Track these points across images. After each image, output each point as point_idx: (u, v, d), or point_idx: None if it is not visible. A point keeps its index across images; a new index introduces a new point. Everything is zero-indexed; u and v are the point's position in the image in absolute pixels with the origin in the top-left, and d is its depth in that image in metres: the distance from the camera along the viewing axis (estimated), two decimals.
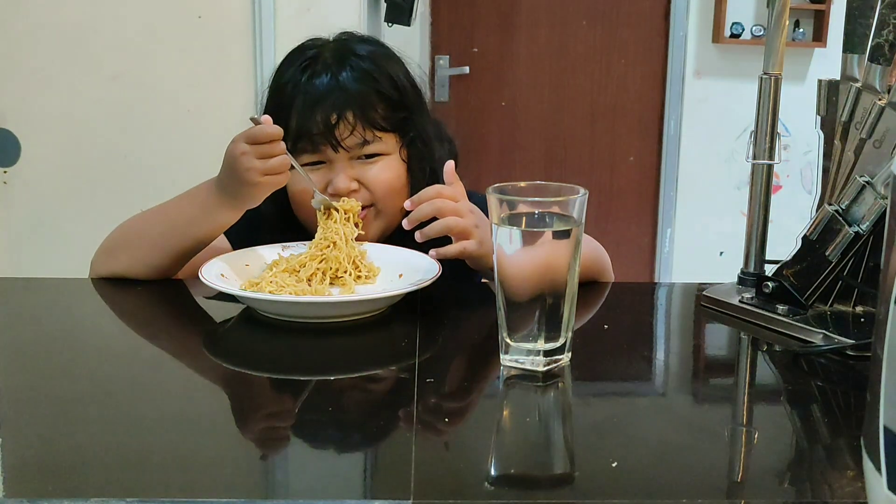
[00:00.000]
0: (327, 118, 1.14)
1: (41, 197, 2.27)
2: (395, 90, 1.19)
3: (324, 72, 1.16)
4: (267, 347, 0.92)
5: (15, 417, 0.73)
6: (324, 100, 1.14)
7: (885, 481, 0.49)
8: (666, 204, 3.55)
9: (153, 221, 1.11)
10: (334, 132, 1.14)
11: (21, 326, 0.99)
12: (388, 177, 1.18)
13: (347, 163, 1.16)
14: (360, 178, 1.17)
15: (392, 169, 1.19)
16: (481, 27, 3.45)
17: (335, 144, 1.15)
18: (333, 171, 1.16)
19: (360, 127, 1.15)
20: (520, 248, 0.79)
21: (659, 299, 1.20)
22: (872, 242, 0.92)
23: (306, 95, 1.15)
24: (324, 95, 1.15)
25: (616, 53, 3.48)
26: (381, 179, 1.17)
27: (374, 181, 1.17)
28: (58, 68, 2.22)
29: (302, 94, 1.15)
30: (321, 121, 1.14)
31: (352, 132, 1.14)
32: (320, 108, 1.14)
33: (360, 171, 1.17)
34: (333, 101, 1.14)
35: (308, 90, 1.15)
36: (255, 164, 1.00)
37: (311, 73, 1.16)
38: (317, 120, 1.14)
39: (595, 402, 0.80)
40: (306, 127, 1.14)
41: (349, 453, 0.69)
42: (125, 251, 1.11)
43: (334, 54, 1.18)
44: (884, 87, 0.91)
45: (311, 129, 1.14)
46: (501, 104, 3.49)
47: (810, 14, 3.33)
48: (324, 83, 1.15)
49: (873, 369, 0.50)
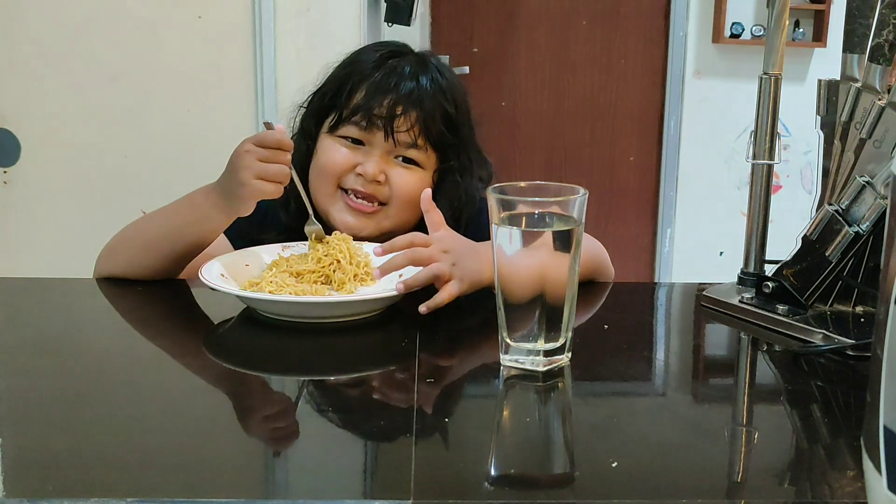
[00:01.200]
0: (394, 106, 1.17)
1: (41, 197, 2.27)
2: (457, 115, 1.22)
3: (407, 67, 1.20)
4: (267, 347, 0.92)
5: (15, 417, 0.73)
6: (399, 89, 1.17)
7: (885, 481, 0.49)
8: (666, 204, 3.55)
9: (152, 224, 1.12)
10: (393, 121, 1.17)
11: (21, 326, 0.99)
12: (414, 186, 1.19)
13: (385, 155, 1.19)
14: (389, 175, 1.18)
15: (421, 181, 1.20)
16: (481, 27, 3.45)
17: (389, 132, 1.17)
18: (368, 156, 1.18)
19: (417, 129, 1.18)
20: (520, 249, 0.79)
21: (659, 299, 1.20)
22: (872, 242, 0.92)
23: (384, 78, 1.18)
24: (399, 86, 1.18)
25: (616, 53, 3.49)
26: (407, 185, 1.19)
27: (400, 183, 1.18)
28: (58, 68, 2.22)
29: (381, 76, 1.18)
30: (387, 105, 1.17)
31: (408, 130, 1.17)
32: (392, 94, 1.17)
33: (391, 169, 1.19)
34: (406, 94, 1.17)
35: (387, 75, 1.18)
36: (252, 164, 1.01)
37: (396, 64, 1.20)
38: (383, 103, 1.17)
39: (595, 402, 0.80)
40: (370, 104, 1.17)
41: (349, 453, 0.69)
42: (124, 253, 1.11)
43: (419, 59, 1.23)
44: (884, 87, 0.91)
45: (374, 108, 1.17)
46: (501, 104, 3.49)
47: (810, 14, 3.33)
48: (403, 77, 1.19)
49: (873, 369, 0.50)
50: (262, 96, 2.24)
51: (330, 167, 1.19)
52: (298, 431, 0.73)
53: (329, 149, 1.20)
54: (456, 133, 1.22)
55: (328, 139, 1.21)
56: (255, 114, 2.25)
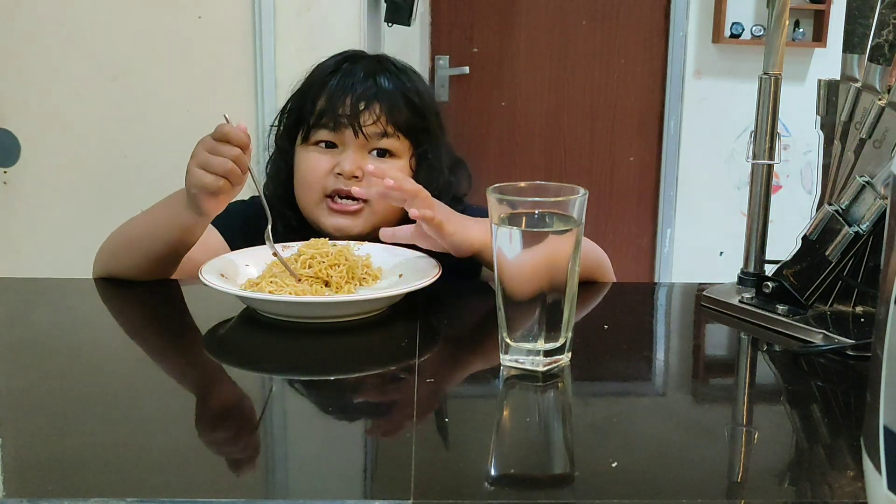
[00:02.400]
0: (356, 104, 1.20)
1: (41, 197, 2.27)
2: (421, 104, 1.25)
3: (362, 69, 1.24)
4: (267, 347, 0.92)
5: (15, 417, 0.73)
6: (358, 88, 1.21)
7: (885, 481, 0.49)
8: (666, 204, 3.55)
9: (134, 223, 1.13)
10: (359, 117, 1.20)
11: (21, 326, 0.99)
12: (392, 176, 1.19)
13: (360, 151, 1.22)
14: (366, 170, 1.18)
15: (398, 170, 1.21)
16: (481, 27, 3.45)
17: (357, 128, 1.20)
18: (343, 155, 1.21)
19: (383, 119, 1.21)
20: (520, 249, 0.79)
21: (659, 299, 1.20)
22: (872, 242, 0.92)
23: (342, 80, 1.22)
24: (359, 84, 1.21)
25: (616, 53, 3.48)
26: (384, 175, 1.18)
27: None
28: (58, 68, 2.21)
29: (338, 78, 1.23)
30: (350, 104, 1.20)
31: (375, 121, 1.21)
32: (352, 93, 1.21)
33: (368, 163, 1.19)
34: (366, 91, 1.21)
35: (344, 77, 1.23)
36: (197, 154, 1.02)
37: (351, 68, 1.24)
38: (346, 102, 1.21)
39: (595, 402, 0.80)
40: (334, 106, 1.21)
41: (349, 453, 0.69)
42: (114, 253, 1.12)
43: (376, 60, 1.27)
44: (884, 87, 0.91)
45: (338, 108, 1.20)
46: (501, 104, 3.49)
47: (810, 14, 3.33)
48: (360, 75, 1.23)
49: (873, 369, 0.50)
50: (262, 96, 2.24)
51: (309, 175, 1.22)
52: (299, 431, 0.73)
53: (305, 159, 1.23)
54: (424, 117, 1.25)
55: (303, 151, 1.24)
56: (255, 114, 2.25)
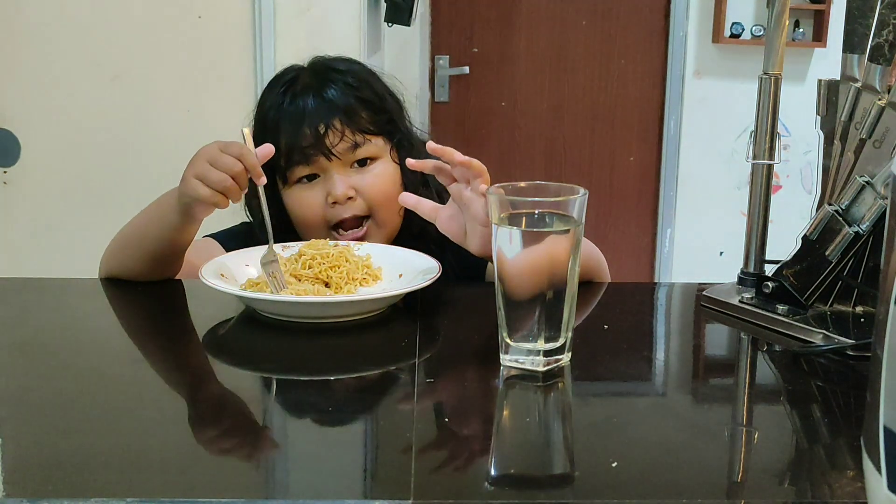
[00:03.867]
0: (316, 129, 1.17)
1: (41, 197, 2.27)
2: (376, 96, 1.22)
3: (305, 91, 1.19)
4: (267, 347, 0.92)
5: (15, 417, 0.73)
6: (310, 114, 1.18)
7: (885, 481, 0.49)
8: (666, 204, 3.55)
9: (131, 225, 1.12)
10: (324, 141, 1.17)
11: (21, 326, 0.99)
12: (384, 183, 1.20)
13: (343, 171, 1.19)
14: (357, 187, 1.19)
15: (386, 174, 1.21)
16: (481, 27, 3.46)
17: (327, 153, 1.17)
18: (330, 182, 1.18)
19: (348, 131, 1.18)
20: (520, 249, 0.79)
21: (659, 299, 1.20)
22: (872, 242, 0.92)
23: (292, 114, 1.18)
24: (309, 110, 1.18)
25: (616, 53, 3.49)
26: (377, 187, 1.20)
27: (371, 189, 1.19)
28: (58, 68, 2.21)
29: (288, 114, 1.18)
30: (310, 133, 1.17)
31: (341, 138, 1.17)
32: (307, 121, 1.17)
33: (356, 180, 1.19)
34: (319, 113, 1.17)
35: (292, 109, 1.19)
36: (196, 163, 0.99)
37: (293, 94, 1.19)
38: (305, 133, 1.17)
39: (595, 402, 0.80)
40: (296, 141, 1.17)
41: (349, 453, 0.69)
42: (114, 252, 1.12)
43: (312, 74, 1.22)
44: (884, 87, 0.91)
45: (300, 142, 1.17)
46: (501, 104, 3.49)
47: (810, 14, 3.33)
48: (307, 100, 1.19)
49: (873, 369, 0.50)
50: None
51: (307, 214, 1.20)
52: (299, 431, 0.73)
53: (296, 200, 1.20)
54: (384, 108, 1.22)
55: (289, 193, 1.21)
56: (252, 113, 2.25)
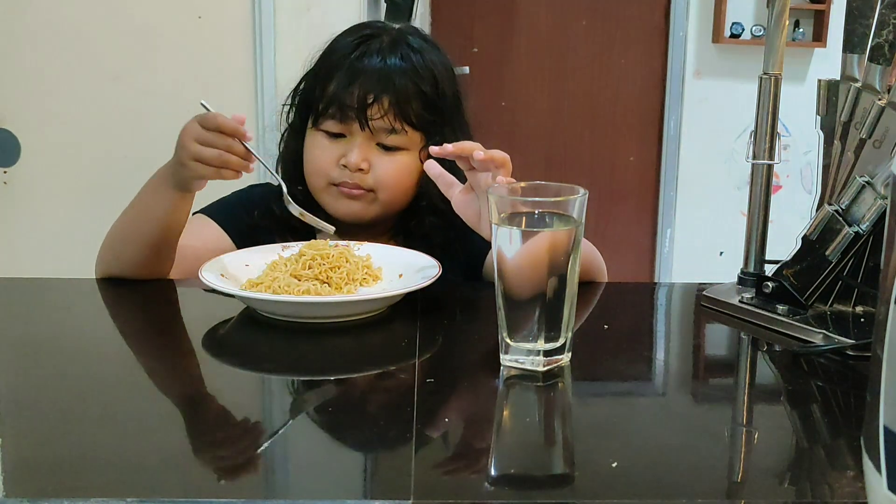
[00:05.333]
0: (364, 96, 1.16)
1: (41, 197, 2.27)
2: (435, 92, 1.20)
3: (375, 52, 1.18)
4: (267, 347, 0.92)
5: (15, 417, 0.73)
6: (366, 77, 1.16)
7: (885, 481, 0.49)
8: (666, 204, 3.55)
9: (125, 214, 1.12)
10: (366, 111, 1.16)
11: (21, 326, 0.99)
12: (399, 173, 1.20)
13: (367, 142, 1.18)
14: (373, 163, 1.19)
15: (405, 166, 1.20)
16: (481, 27, 3.46)
17: (364, 122, 1.16)
18: (350, 146, 1.18)
19: (391, 114, 1.17)
20: (520, 249, 0.79)
21: (659, 299, 1.20)
22: (872, 242, 0.92)
23: (351, 68, 1.17)
24: (368, 73, 1.17)
25: (616, 53, 3.49)
26: (391, 173, 1.19)
27: (385, 172, 1.19)
28: (58, 68, 2.22)
29: (348, 65, 1.18)
30: (357, 96, 1.16)
31: (382, 116, 1.17)
32: (360, 83, 1.16)
33: (375, 156, 1.19)
34: (375, 82, 1.16)
35: (355, 63, 1.18)
36: (189, 145, 1.01)
37: (364, 51, 1.18)
38: (353, 94, 1.16)
39: (595, 402, 0.80)
40: (342, 97, 1.17)
41: (349, 453, 0.69)
42: (111, 249, 1.11)
43: (390, 42, 1.20)
44: (884, 87, 0.91)
45: (345, 100, 1.16)
46: (501, 104, 3.49)
47: (810, 14, 3.33)
48: (371, 62, 1.17)
49: (873, 369, 0.50)
50: (262, 96, 2.25)
51: (316, 163, 1.21)
52: (299, 431, 0.73)
53: (312, 146, 1.21)
54: (436, 111, 1.20)
55: (311, 135, 1.22)
56: (255, 114, 2.25)
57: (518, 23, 3.45)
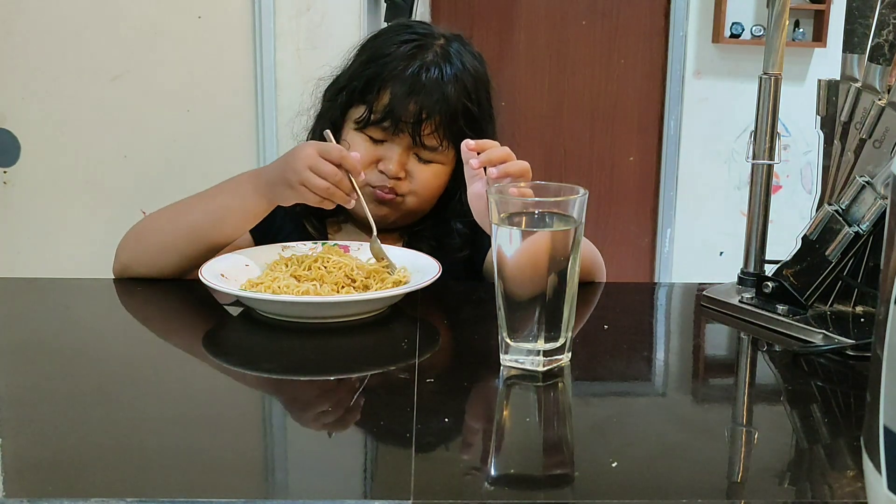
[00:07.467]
0: (419, 111, 1.16)
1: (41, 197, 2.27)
2: (480, 110, 1.23)
3: (433, 66, 1.18)
4: (267, 347, 0.92)
5: (15, 417, 0.73)
6: (425, 94, 1.16)
7: (885, 481, 0.49)
8: (666, 204, 3.54)
9: (187, 211, 1.11)
10: (420, 127, 1.17)
11: (21, 326, 0.99)
12: (434, 183, 1.22)
13: (406, 150, 1.19)
14: (410, 171, 1.20)
15: (439, 178, 1.22)
16: (481, 27, 3.45)
17: (414, 136, 1.17)
18: (389, 151, 1.19)
19: (440, 132, 1.18)
20: (520, 248, 0.79)
21: (659, 299, 1.20)
22: (872, 242, 0.92)
23: (409, 81, 1.17)
24: (426, 89, 1.17)
25: (616, 53, 3.48)
26: (427, 182, 1.21)
27: (421, 180, 1.20)
28: (58, 68, 2.22)
29: (404, 76, 1.17)
30: (413, 111, 1.16)
31: (432, 132, 1.18)
32: (416, 98, 1.16)
33: (413, 166, 1.20)
34: (432, 100, 1.16)
35: (412, 77, 1.17)
36: (302, 171, 1.02)
37: (422, 63, 1.18)
38: (409, 108, 1.16)
39: (595, 402, 0.80)
40: (397, 110, 1.16)
41: (349, 453, 0.69)
42: (154, 241, 1.10)
43: (444, 53, 1.20)
44: (884, 87, 0.91)
45: (400, 114, 1.16)
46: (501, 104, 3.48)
47: (810, 14, 3.33)
48: (428, 77, 1.17)
49: (873, 369, 0.50)
50: (262, 96, 2.24)
51: None
52: (299, 431, 0.73)
53: (353, 145, 1.20)
54: (476, 128, 1.22)
55: (352, 136, 1.21)
56: (255, 114, 2.25)
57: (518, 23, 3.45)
